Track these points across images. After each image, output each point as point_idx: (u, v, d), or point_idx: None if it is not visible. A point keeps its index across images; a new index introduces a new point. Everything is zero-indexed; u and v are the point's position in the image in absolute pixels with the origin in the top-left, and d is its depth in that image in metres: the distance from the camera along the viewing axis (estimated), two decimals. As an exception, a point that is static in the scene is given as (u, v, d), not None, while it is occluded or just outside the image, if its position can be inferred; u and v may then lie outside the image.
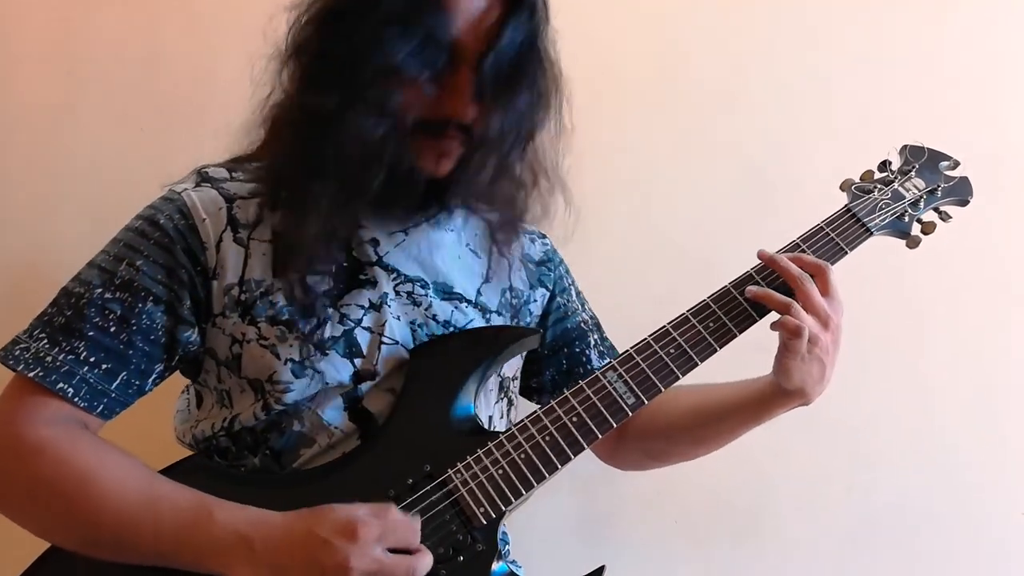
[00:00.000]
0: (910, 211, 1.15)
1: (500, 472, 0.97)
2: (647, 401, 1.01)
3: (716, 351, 1.04)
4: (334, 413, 1.00)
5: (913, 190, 1.16)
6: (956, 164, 1.20)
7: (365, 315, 1.01)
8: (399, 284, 1.04)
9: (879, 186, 1.16)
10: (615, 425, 1.00)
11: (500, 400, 1.13)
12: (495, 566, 0.95)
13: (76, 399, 0.92)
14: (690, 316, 1.05)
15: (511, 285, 1.16)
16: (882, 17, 1.60)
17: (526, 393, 1.25)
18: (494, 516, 0.95)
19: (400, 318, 1.03)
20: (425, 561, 0.87)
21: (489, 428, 1.09)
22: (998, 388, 1.56)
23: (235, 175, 1.06)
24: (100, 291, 0.96)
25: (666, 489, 1.55)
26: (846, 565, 1.55)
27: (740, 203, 1.59)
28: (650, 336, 1.04)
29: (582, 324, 1.25)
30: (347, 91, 0.92)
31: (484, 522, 0.95)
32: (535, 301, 1.20)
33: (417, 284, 1.06)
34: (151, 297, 0.96)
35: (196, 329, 1.00)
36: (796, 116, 1.60)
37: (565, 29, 1.09)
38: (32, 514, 0.91)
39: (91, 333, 0.94)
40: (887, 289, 1.54)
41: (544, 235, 1.27)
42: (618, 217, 1.59)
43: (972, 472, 1.55)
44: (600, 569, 1.01)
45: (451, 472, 0.96)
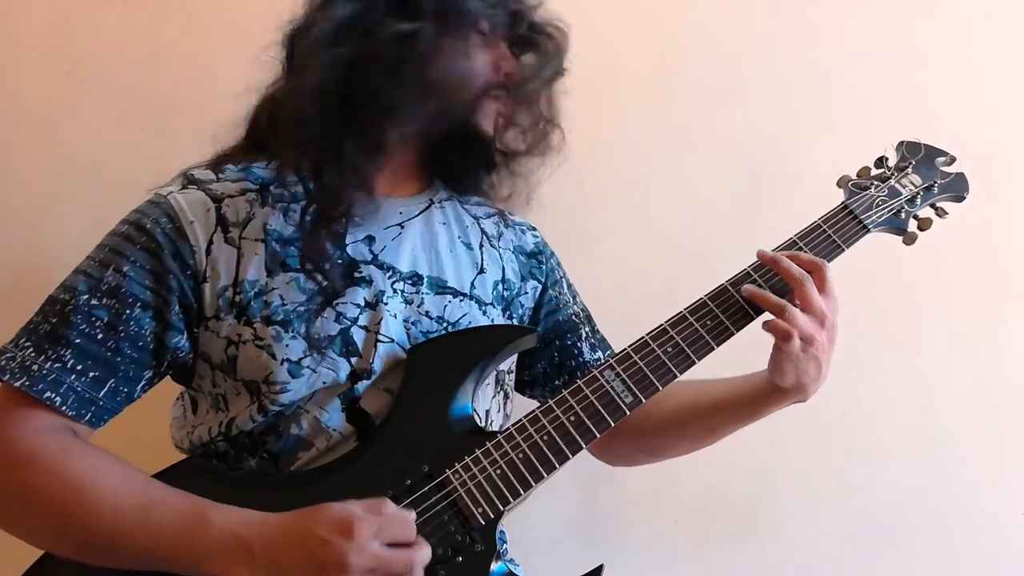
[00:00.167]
0: (907, 208, 1.15)
1: (498, 472, 0.97)
2: (645, 400, 1.02)
3: (714, 349, 1.04)
4: (332, 415, 1.00)
5: (910, 186, 1.16)
6: (952, 160, 1.20)
7: (361, 313, 1.02)
8: (394, 281, 1.05)
9: (876, 183, 1.16)
10: (613, 424, 1.00)
11: (497, 394, 1.14)
12: (494, 566, 0.95)
13: (64, 408, 0.92)
14: (687, 314, 1.05)
15: (504, 277, 1.17)
16: (880, 13, 1.60)
17: (518, 387, 1.25)
18: (492, 516, 0.95)
19: (396, 315, 1.04)
20: (423, 553, 0.87)
21: (486, 422, 1.10)
22: (996, 384, 1.56)
23: (221, 175, 1.05)
24: (86, 297, 0.95)
25: (665, 489, 1.55)
26: (846, 565, 1.55)
27: (739, 199, 1.59)
28: (647, 334, 1.04)
29: (573, 317, 1.25)
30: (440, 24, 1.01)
31: (482, 522, 0.95)
32: (526, 293, 1.20)
33: (411, 280, 1.06)
34: (139, 303, 0.96)
35: (185, 335, 0.99)
36: (795, 112, 1.60)
37: (565, 27, 1.09)
38: (26, 523, 0.91)
39: (78, 340, 0.93)
40: (884, 286, 1.54)
41: (534, 227, 1.28)
42: (617, 213, 1.60)
43: (971, 470, 1.55)
44: (599, 568, 1.01)
45: (449, 472, 0.96)
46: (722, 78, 1.61)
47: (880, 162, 1.19)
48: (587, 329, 1.26)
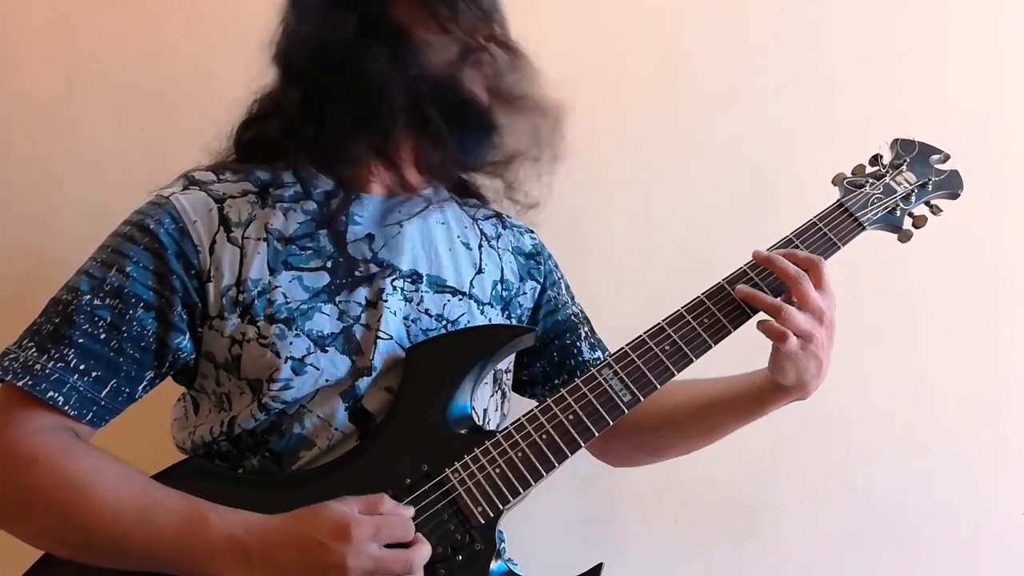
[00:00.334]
0: (902, 205, 1.15)
1: (498, 471, 0.97)
2: (643, 398, 1.02)
3: (711, 347, 1.04)
4: (334, 413, 1.00)
5: (904, 184, 1.16)
6: (946, 157, 1.20)
7: (363, 312, 1.02)
8: (394, 279, 1.05)
9: (871, 180, 1.16)
10: (611, 423, 1.00)
11: (495, 393, 1.14)
12: (493, 565, 0.95)
13: (66, 407, 0.92)
14: (684, 313, 1.05)
15: (502, 277, 1.17)
16: (883, 15, 1.60)
17: (516, 386, 1.26)
18: (492, 515, 0.95)
19: (396, 313, 1.04)
20: (422, 553, 0.88)
21: (484, 421, 1.10)
22: (994, 382, 1.56)
23: (222, 177, 1.06)
24: (89, 298, 0.95)
25: (666, 489, 1.55)
26: (846, 563, 1.55)
27: (739, 202, 1.59)
28: (645, 333, 1.04)
29: (572, 317, 1.26)
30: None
31: (482, 521, 0.95)
32: (525, 294, 1.21)
33: (411, 279, 1.07)
34: (141, 303, 0.96)
35: (187, 336, 1.00)
36: (796, 115, 1.60)
37: (565, 28, 1.10)
38: (26, 524, 0.91)
39: (80, 340, 0.94)
40: (880, 283, 1.54)
41: (532, 230, 1.28)
42: (617, 216, 1.60)
43: (971, 467, 1.55)
44: (598, 567, 1.01)
45: (448, 472, 0.96)
46: (724, 81, 1.61)
47: (875, 159, 1.19)
48: (586, 329, 1.27)
